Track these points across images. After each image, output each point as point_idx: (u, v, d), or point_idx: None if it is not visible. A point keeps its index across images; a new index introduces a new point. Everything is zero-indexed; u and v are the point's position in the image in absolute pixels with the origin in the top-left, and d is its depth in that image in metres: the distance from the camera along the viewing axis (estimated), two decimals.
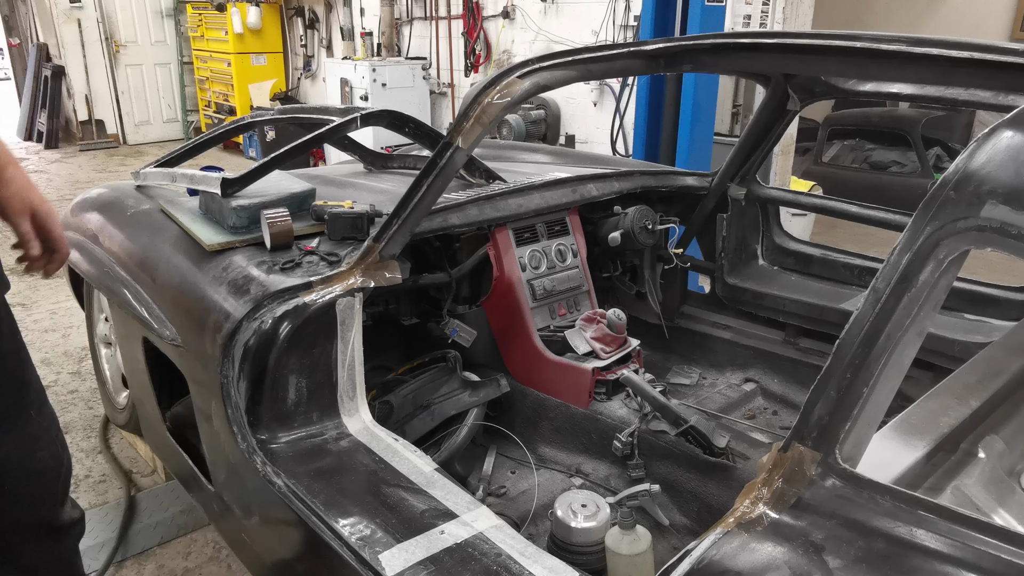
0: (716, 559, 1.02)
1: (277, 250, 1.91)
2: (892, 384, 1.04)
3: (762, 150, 2.58)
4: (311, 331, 1.70)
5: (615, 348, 2.27)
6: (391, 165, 3.01)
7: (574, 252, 2.53)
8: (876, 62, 1.68)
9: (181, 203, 2.30)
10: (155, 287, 2.04)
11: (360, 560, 1.31)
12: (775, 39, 1.88)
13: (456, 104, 7.06)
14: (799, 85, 2.26)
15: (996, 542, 0.90)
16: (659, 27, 4.28)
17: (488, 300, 2.39)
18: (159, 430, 2.28)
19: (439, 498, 1.47)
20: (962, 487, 1.14)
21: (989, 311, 2.22)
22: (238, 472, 1.67)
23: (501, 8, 6.31)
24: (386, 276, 1.82)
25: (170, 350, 1.97)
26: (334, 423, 1.74)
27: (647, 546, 1.64)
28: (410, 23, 7.34)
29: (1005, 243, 0.93)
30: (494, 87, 1.79)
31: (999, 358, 1.43)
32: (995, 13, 8.67)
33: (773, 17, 4.63)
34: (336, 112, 2.59)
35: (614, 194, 2.56)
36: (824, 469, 1.03)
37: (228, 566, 2.38)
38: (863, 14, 8.56)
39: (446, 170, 1.78)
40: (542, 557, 1.31)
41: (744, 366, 2.72)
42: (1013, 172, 0.93)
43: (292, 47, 9.40)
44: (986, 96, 1.71)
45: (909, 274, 1.00)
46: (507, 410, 2.32)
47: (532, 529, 1.96)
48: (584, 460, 2.17)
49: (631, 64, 2.06)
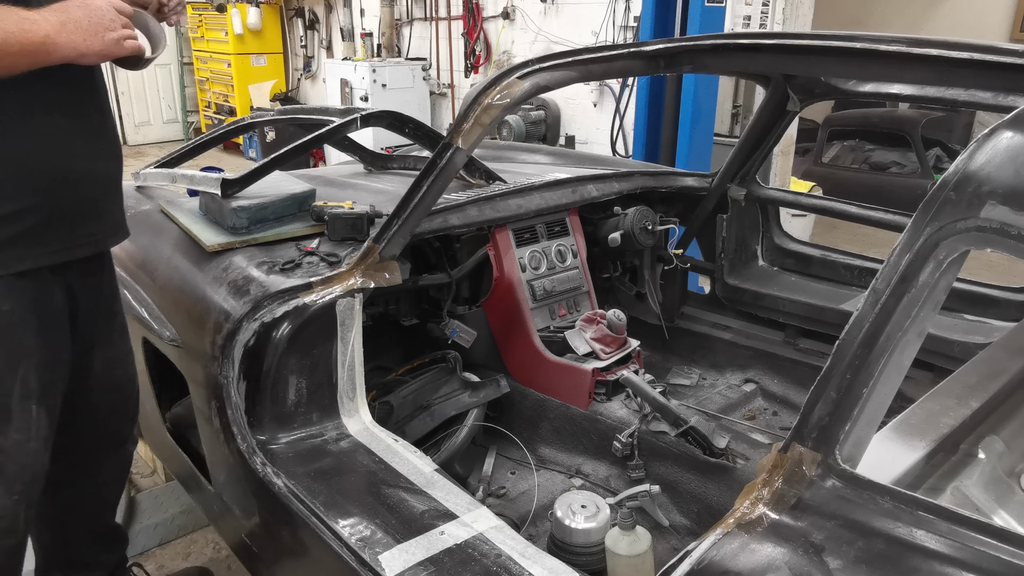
0: (716, 560, 1.02)
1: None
2: (892, 385, 1.04)
3: (762, 151, 2.59)
4: (311, 332, 1.70)
5: (615, 349, 2.26)
6: (391, 166, 3.01)
7: (574, 253, 2.53)
8: (876, 63, 1.68)
9: (181, 204, 2.30)
10: (155, 287, 2.04)
11: (360, 561, 1.31)
12: (775, 40, 1.88)
13: (456, 105, 7.06)
14: (799, 86, 2.26)
15: (996, 543, 0.90)
16: (659, 28, 4.28)
17: (488, 301, 2.39)
18: (159, 431, 2.28)
19: (439, 499, 1.47)
20: (962, 488, 1.14)
21: (989, 312, 2.22)
22: (238, 473, 1.67)
23: (501, 9, 6.31)
24: (386, 277, 1.82)
25: (170, 350, 1.97)
26: (334, 424, 1.74)
27: (647, 547, 1.64)
28: (410, 24, 7.35)
29: (1005, 244, 0.93)
30: (494, 88, 1.79)
31: (999, 359, 1.43)
32: (995, 13, 8.68)
33: (773, 18, 4.63)
34: (336, 113, 2.59)
35: (614, 195, 2.55)
36: (824, 470, 1.03)
37: (228, 566, 2.39)
38: (863, 15, 8.56)
39: (446, 171, 1.78)
40: (542, 558, 1.31)
41: (744, 367, 2.72)
42: (1013, 173, 0.93)
43: (292, 48, 9.41)
44: (986, 97, 1.72)
45: (909, 275, 1.00)
46: (507, 411, 2.32)
47: (532, 530, 1.96)
48: (584, 461, 2.17)
49: (631, 65, 2.06)
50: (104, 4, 1.33)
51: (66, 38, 1.27)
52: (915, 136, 6.67)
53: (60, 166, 1.41)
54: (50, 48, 1.25)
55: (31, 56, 1.24)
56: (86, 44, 1.30)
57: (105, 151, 1.54)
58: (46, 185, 1.39)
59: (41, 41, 1.24)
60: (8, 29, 1.20)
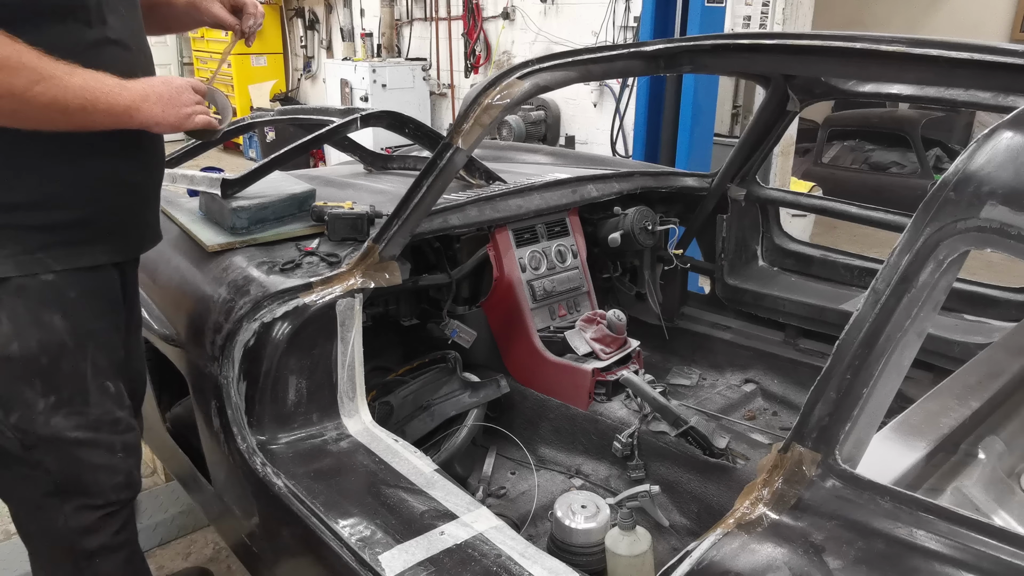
0: (716, 560, 1.02)
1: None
2: (892, 385, 1.04)
3: (762, 151, 2.59)
4: (311, 332, 1.70)
5: (615, 349, 2.27)
6: (391, 166, 3.02)
7: (574, 253, 2.53)
8: (876, 63, 1.68)
9: (181, 204, 2.30)
10: (155, 287, 2.05)
11: (360, 561, 1.31)
12: (775, 40, 1.88)
13: (456, 105, 7.07)
14: (799, 86, 2.26)
15: (996, 543, 0.90)
16: (659, 28, 4.28)
17: (488, 301, 2.39)
18: (159, 431, 2.28)
19: (439, 499, 1.47)
20: (962, 488, 1.14)
21: (989, 312, 2.22)
22: (238, 473, 1.67)
23: (501, 9, 6.32)
24: (386, 277, 1.82)
25: (170, 350, 1.97)
26: (334, 424, 1.74)
27: (647, 547, 1.64)
28: (410, 24, 7.35)
29: (1005, 244, 0.93)
30: (494, 88, 1.79)
31: (999, 359, 1.43)
32: (995, 13, 8.68)
33: (773, 18, 4.64)
34: (336, 113, 2.59)
35: (614, 195, 2.55)
36: (824, 470, 1.03)
37: (228, 567, 2.39)
38: (863, 15, 8.57)
39: (446, 171, 1.78)
40: (542, 558, 1.31)
41: (744, 367, 2.72)
42: (1013, 173, 0.93)
43: (292, 48, 9.41)
44: (986, 97, 1.72)
45: (909, 275, 1.00)
46: (507, 411, 2.32)
47: (532, 530, 1.96)
48: (584, 461, 2.17)
49: (631, 65, 2.06)
50: (183, 83, 1.54)
51: (147, 108, 1.46)
52: (915, 136, 6.67)
53: (128, 179, 1.57)
54: (132, 114, 1.44)
55: (115, 118, 1.42)
56: (163, 115, 1.49)
57: (158, 163, 1.70)
58: (114, 194, 1.53)
59: (125, 107, 1.42)
60: (100, 90, 1.37)
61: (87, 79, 1.36)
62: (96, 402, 1.55)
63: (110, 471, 1.59)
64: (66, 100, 1.33)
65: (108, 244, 1.55)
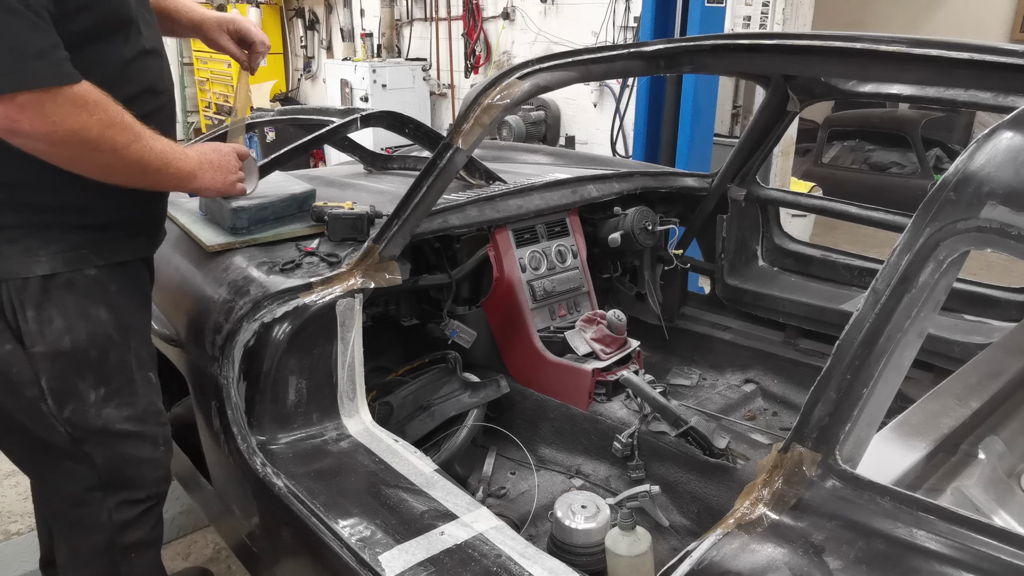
0: (716, 560, 1.02)
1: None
2: (892, 385, 1.04)
3: (762, 151, 2.59)
4: (311, 332, 1.70)
5: (615, 349, 2.27)
6: (391, 166, 3.01)
7: (574, 253, 2.53)
8: (876, 63, 1.68)
9: (181, 204, 2.30)
10: (155, 288, 2.04)
11: (360, 561, 1.31)
12: (775, 40, 1.88)
13: (456, 105, 7.06)
14: (799, 86, 2.26)
15: (996, 543, 0.90)
16: (659, 28, 4.28)
17: (488, 301, 2.39)
18: None
19: (439, 499, 1.47)
20: (962, 488, 1.15)
21: (989, 312, 2.22)
22: (238, 473, 1.67)
23: (501, 9, 6.31)
24: (386, 277, 1.82)
25: (170, 350, 1.97)
26: (334, 424, 1.74)
27: (647, 547, 1.64)
28: (410, 24, 7.34)
29: (1005, 244, 0.93)
30: (494, 88, 1.79)
31: (999, 359, 1.43)
32: (995, 13, 8.69)
33: (773, 18, 4.64)
34: (336, 113, 2.59)
35: (614, 195, 2.55)
36: (824, 470, 1.03)
37: (228, 567, 2.39)
38: (863, 15, 8.57)
39: (446, 171, 1.78)
40: (542, 558, 1.31)
41: (744, 367, 2.72)
42: (1013, 173, 0.93)
43: (292, 48, 9.40)
44: (986, 97, 1.72)
45: (909, 275, 1.00)
46: (507, 411, 2.32)
47: (532, 530, 1.96)
48: (584, 461, 2.17)
49: (631, 65, 2.06)
50: (229, 151, 1.67)
51: (202, 175, 1.60)
52: (915, 136, 6.68)
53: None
54: (191, 180, 1.57)
55: (179, 181, 1.55)
56: (213, 182, 1.63)
57: None
58: (142, 196, 1.58)
59: (189, 172, 1.55)
60: (172, 155, 1.49)
61: (164, 144, 1.48)
62: (143, 392, 1.60)
63: (153, 464, 1.63)
64: (149, 160, 1.44)
65: (140, 240, 1.63)
